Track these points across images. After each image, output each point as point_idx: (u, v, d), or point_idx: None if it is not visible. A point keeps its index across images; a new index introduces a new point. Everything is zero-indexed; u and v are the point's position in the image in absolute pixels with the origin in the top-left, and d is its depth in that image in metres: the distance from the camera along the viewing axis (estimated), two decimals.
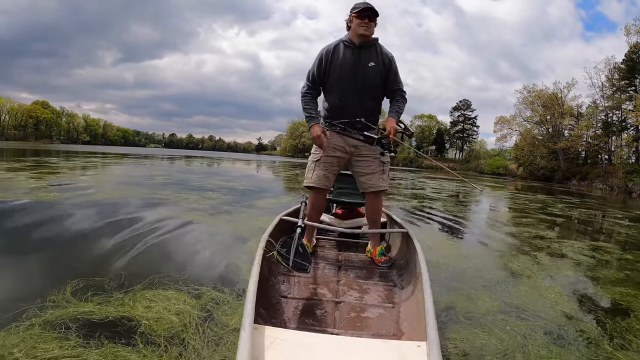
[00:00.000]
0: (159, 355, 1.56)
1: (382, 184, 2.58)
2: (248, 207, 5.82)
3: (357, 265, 2.61)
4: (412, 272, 2.20)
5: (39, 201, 4.85)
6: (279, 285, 2.11)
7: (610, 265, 3.81)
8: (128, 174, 11.61)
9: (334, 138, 2.53)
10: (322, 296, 2.05)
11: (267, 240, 2.17)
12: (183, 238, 3.57)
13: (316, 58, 2.49)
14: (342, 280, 2.29)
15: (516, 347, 1.85)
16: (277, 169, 22.80)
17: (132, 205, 5.12)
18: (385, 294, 2.11)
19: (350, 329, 1.72)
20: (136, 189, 7.14)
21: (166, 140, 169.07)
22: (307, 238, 2.68)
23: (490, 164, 53.37)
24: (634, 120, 32.13)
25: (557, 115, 40.79)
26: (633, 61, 33.82)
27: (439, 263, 3.29)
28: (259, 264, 1.84)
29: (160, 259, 2.86)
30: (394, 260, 2.62)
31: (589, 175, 34.54)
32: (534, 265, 3.55)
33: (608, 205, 13.60)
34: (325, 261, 2.64)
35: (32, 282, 2.27)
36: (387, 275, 2.42)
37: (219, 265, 2.80)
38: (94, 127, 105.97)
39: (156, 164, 18.69)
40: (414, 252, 2.30)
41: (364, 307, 1.93)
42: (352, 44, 2.42)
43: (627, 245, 5.13)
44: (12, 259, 2.67)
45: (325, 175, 2.56)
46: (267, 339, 1.30)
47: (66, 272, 2.37)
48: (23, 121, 79.04)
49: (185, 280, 2.38)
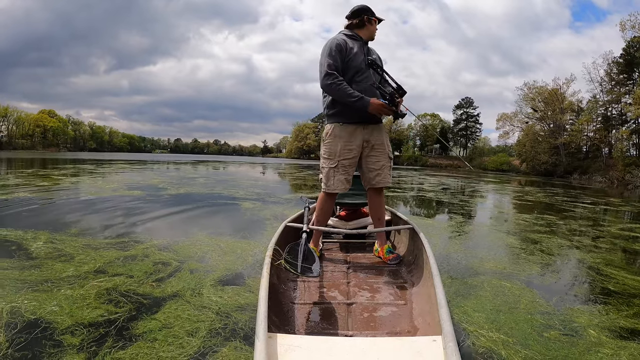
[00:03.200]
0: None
1: (388, 179, 2.66)
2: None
3: (365, 265, 2.63)
4: (421, 267, 2.21)
5: (132, 196, 5.86)
6: (289, 292, 2.11)
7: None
8: (168, 175, 13.16)
9: (347, 137, 2.56)
10: (333, 299, 2.05)
11: (274, 248, 2.19)
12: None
13: (332, 50, 2.45)
14: (351, 281, 2.30)
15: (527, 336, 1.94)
16: (305, 171, 23.69)
17: (201, 195, 6.22)
18: (397, 292, 2.12)
19: (364, 330, 1.73)
20: (192, 187, 8.86)
21: (172, 146, 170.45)
22: (313, 242, 2.69)
23: (493, 160, 54.07)
24: (633, 114, 32.71)
25: (557, 111, 41.45)
26: (631, 55, 34.40)
27: (445, 254, 3.67)
28: (267, 272, 1.85)
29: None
30: (402, 257, 2.64)
31: (590, 169, 35.12)
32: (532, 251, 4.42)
33: (592, 195, 14.32)
34: (333, 264, 2.66)
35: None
36: (397, 272, 2.44)
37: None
38: (100, 134, 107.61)
39: (182, 168, 19.55)
40: (421, 247, 2.32)
41: (376, 307, 1.94)
42: (360, 39, 2.60)
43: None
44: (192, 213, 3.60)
45: (346, 179, 2.60)
46: (282, 347, 1.31)
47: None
48: (30, 130, 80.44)
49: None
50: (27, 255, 2.89)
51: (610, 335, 2.00)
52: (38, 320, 1.85)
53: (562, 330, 2.03)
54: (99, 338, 1.72)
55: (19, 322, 1.81)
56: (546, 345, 1.85)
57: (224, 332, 1.83)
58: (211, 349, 1.67)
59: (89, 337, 1.72)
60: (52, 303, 2.03)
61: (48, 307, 1.98)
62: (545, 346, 1.84)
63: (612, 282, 2.99)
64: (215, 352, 1.66)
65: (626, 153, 33.76)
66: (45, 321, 1.84)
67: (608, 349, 1.84)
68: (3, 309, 1.92)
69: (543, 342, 1.89)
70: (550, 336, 1.95)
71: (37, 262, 2.71)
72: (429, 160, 67.00)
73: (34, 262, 2.73)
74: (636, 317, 2.26)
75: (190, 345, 1.69)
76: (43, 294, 2.16)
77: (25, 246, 3.11)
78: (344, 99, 2.43)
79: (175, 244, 3.43)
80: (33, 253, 2.94)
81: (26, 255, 2.87)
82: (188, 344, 1.70)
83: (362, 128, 2.56)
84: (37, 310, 1.95)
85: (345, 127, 2.55)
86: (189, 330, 1.83)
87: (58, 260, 2.80)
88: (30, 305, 1.99)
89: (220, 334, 1.81)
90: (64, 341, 1.68)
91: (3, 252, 2.94)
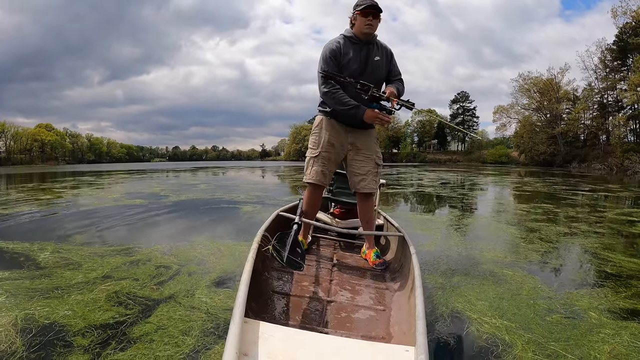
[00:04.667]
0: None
1: (373, 186, 2.60)
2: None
3: (351, 265, 2.62)
4: (405, 276, 2.19)
5: (133, 204, 5.91)
6: (271, 281, 2.11)
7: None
8: (168, 183, 13.15)
9: (332, 131, 2.55)
10: (314, 294, 2.04)
11: (263, 234, 2.18)
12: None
13: (326, 56, 2.42)
14: (335, 279, 2.29)
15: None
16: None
17: (202, 200, 6.41)
18: (377, 296, 2.10)
19: (340, 329, 1.72)
20: (193, 193, 8.97)
21: (170, 154, 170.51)
22: (302, 235, 2.68)
23: (492, 153, 54.21)
24: (628, 100, 32.81)
25: (553, 100, 41.56)
26: (624, 41, 34.52)
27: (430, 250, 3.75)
28: (253, 257, 1.85)
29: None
30: (388, 264, 2.61)
31: (588, 157, 35.26)
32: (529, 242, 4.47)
33: (591, 183, 14.38)
34: (319, 259, 2.64)
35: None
36: (381, 277, 2.42)
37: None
38: (98, 146, 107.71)
39: (181, 175, 19.56)
40: (408, 256, 2.30)
41: (355, 308, 1.93)
42: (358, 40, 2.43)
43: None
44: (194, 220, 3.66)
45: (322, 172, 2.56)
46: (256, 333, 1.31)
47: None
48: (28, 145, 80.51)
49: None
50: (35, 265, 2.93)
51: (610, 317, 2.05)
52: (52, 324, 1.90)
53: (564, 314, 2.08)
54: (106, 339, 1.77)
55: (34, 327, 1.86)
56: (549, 329, 1.90)
57: (217, 331, 1.88)
58: (205, 347, 1.74)
59: (98, 339, 1.77)
60: (64, 308, 2.09)
61: (61, 312, 2.03)
62: (548, 329, 1.89)
63: (609, 265, 3.05)
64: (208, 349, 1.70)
65: (624, 139, 33.88)
66: (59, 325, 1.90)
67: (609, 330, 1.88)
68: (17, 316, 1.97)
69: (546, 325, 1.94)
70: (553, 320, 2.00)
71: (47, 271, 2.76)
72: (428, 156, 67.13)
73: (43, 271, 2.77)
74: (635, 298, 2.32)
75: (185, 344, 1.76)
76: (54, 300, 2.21)
77: (33, 257, 3.16)
78: (339, 107, 2.40)
79: (177, 249, 3.48)
80: (41, 263, 2.99)
81: (35, 266, 2.92)
82: (183, 343, 1.77)
83: (351, 128, 2.55)
84: (51, 315, 2.00)
85: (333, 122, 2.55)
86: (183, 330, 1.89)
87: (66, 268, 2.85)
88: (43, 311, 2.04)
89: (214, 333, 1.87)
90: (74, 342, 1.74)
91: (12, 263, 2.98)
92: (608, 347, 1.71)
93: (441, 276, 2.77)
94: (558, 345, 1.74)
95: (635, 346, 1.72)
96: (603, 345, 1.73)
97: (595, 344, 1.75)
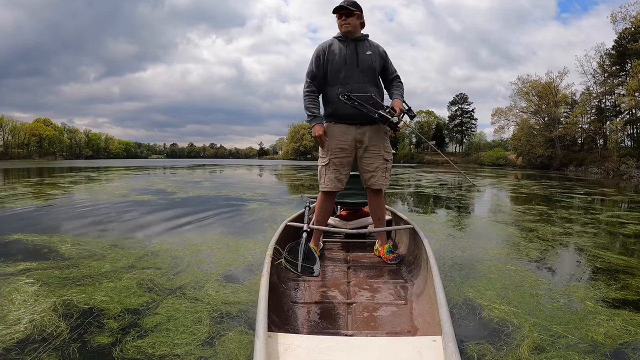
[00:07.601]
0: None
1: (383, 182, 2.63)
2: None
3: (366, 265, 2.62)
4: (421, 267, 2.22)
5: (142, 200, 6.04)
6: (289, 291, 2.11)
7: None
8: (172, 180, 13.45)
9: (339, 136, 2.56)
10: (334, 298, 2.05)
11: (274, 247, 2.19)
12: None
13: (313, 56, 2.57)
14: (352, 281, 2.31)
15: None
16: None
17: (210, 197, 6.42)
18: (397, 291, 2.12)
19: (364, 329, 1.73)
20: (199, 190, 9.12)
21: (168, 151, 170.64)
22: (314, 242, 2.70)
23: (490, 155, 54.51)
24: (626, 105, 33.11)
25: (551, 104, 41.88)
26: (623, 46, 34.79)
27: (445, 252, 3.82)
28: (267, 271, 1.86)
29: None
30: (402, 257, 2.64)
31: (585, 160, 35.51)
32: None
33: (586, 187, 14.60)
34: (333, 263, 2.66)
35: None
36: (397, 272, 2.44)
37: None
38: (96, 142, 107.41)
39: (183, 172, 19.72)
40: (421, 247, 2.32)
41: (376, 306, 1.95)
42: (345, 38, 2.55)
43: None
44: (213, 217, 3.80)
45: (337, 178, 2.58)
46: (282, 346, 1.31)
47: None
48: (26, 139, 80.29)
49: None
50: (60, 256, 3.08)
51: (604, 305, 2.26)
52: (91, 308, 2.06)
53: (563, 302, 2.29)
54: (133, 322, 1.93)
55: (74, 312, 2.02)
56: (550, 314, 2.11)
57: (227, 320, 2.02)
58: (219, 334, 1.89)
59: (130, 321, 1.94)
60: (100, 294, 2.25)
61: (98, 298, 2.19)
62: (550, 315, 2.10)
63: (600, 261, 3.29)
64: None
65: (621, 144, 34.20)
66: (97, 309, 2.05)
67: (604, 315, 2.10)
68: (56, 302, 2.12)
69: (548, 312, 2.15)
70: (554, 307, 2.21)
71: (73, 262, 2.92)
72: (426, 157, 67.43)
73: (70, 261, 2.93)
74: (624, 290, 2.55)
75: (200, 332, 1.92)
76: (88, 287, 2.37)
77: (56, 249, 3.31)
78: (305, 111, 2.56)
79: (189, 242, 3.66)
80: (65, 254, 3.14)
81: (60, 257, 3.07)
82: (198, 331, 1.93)
83: (355, 128, 2.55)
84: (89, 300, 2.16)
85: (337, 126, 2.56)
86: (206, 314, 2.05)
87: (91, 259, 3.01)
88: (79, 297, 2.20)
89: (225, 321, 1.99)
90: (107, 325, 1.89)
91: (37, 255, 3.13)
92: (603, 330, 1.92)
93: (450, 270, 2.94)
94: (559, 327, 1.94)
95: (626, 329, 1.93)
96: (599, 328, 1.94)
97: (592, 327, 1.96)
